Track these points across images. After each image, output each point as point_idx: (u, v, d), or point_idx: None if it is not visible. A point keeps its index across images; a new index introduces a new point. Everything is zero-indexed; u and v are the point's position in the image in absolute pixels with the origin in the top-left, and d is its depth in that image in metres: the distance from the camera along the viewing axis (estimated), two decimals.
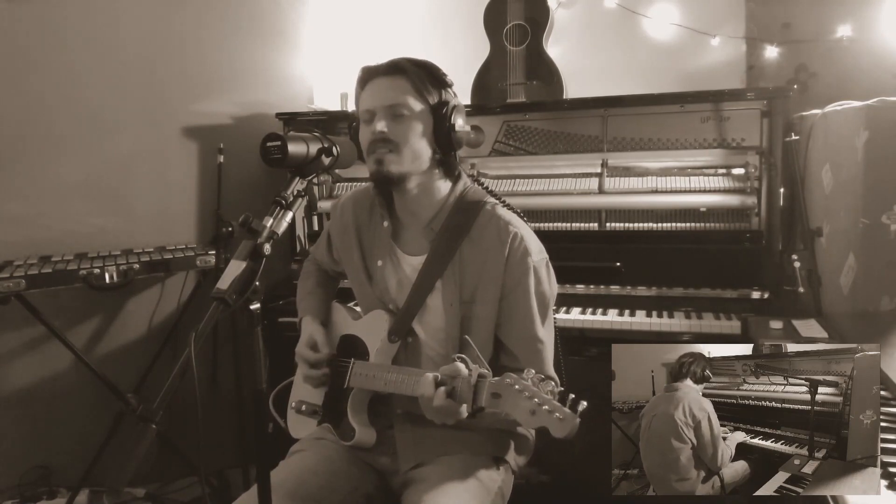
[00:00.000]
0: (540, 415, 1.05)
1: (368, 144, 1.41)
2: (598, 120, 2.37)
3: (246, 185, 2.70)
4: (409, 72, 1.41)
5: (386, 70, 1.43)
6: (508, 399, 1.11)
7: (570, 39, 2.78)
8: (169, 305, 2.69)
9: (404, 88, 1.41)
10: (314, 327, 1.58)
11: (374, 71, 1.45)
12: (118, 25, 2.52)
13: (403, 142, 1.39)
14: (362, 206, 1.60)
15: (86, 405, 2.50)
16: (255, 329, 1.15)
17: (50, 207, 2.45)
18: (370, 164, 1.42)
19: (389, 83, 1.42)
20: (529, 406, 1.06)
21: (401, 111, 1.40)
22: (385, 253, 1.53)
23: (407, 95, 1.40)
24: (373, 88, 1.43)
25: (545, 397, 1.06)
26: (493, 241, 1.43)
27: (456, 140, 1.44)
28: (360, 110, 1.46)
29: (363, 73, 1.47)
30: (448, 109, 1.42)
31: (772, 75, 2.55)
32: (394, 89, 1.41)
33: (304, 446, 1.52)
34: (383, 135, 1.38)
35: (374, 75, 1.44)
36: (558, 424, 1.03)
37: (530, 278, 1.42)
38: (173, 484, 2.60)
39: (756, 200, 2.18)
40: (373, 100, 1.42)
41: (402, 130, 1.40)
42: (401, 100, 1.40)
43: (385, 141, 1.38)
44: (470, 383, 1.16)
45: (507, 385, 1.11)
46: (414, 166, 1.42)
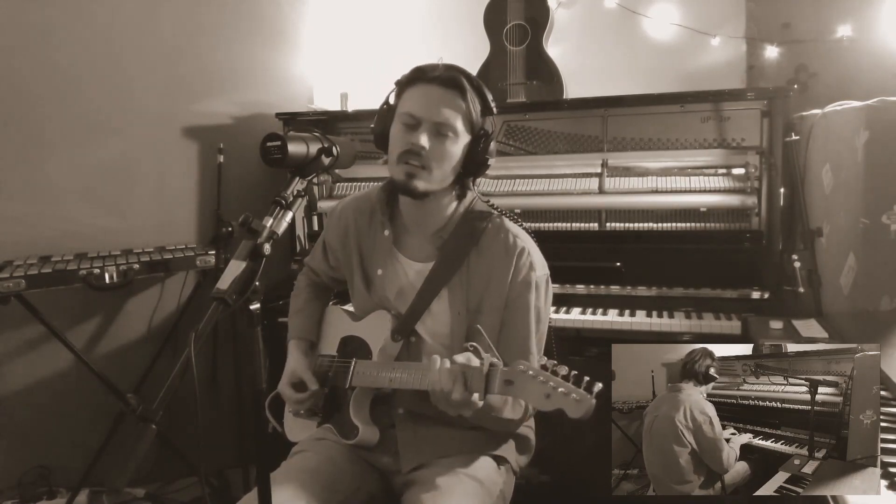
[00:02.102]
0: (555, 397, 1.06)
1: (402, 151, 1.38)
2: (598, 120, 2.37)
3: (246, 185, 2.70)
4: (466, 94, 1.38)
5: (444, 81, 1.38)
6: (521, 385, 1.12)
7: (570, 39, 2.78)
8: (169, 305, 2.68)
9: (458, 109, 1.38)
10: (297, 361, 1.56)
11: (430, 75, 1.39)
12: (118, 25, 2.52)
13: (438, 164, 1.38)
14: (362, 212, 1.59)
15: (86, 405, 2.50)
16: (255, 329, 1.15)
17: (50, 207, 2.45)
18: (397, 171, 1.40)
19: (445, 97, 1.38)
20: (544, 390, 1.08)
21: (447, 132, 1.37)
22: (386, 261, 1.53)
23: (458, 118, 1.38)
24: (425, 95, 1.38)
25: (559, 380, 1.08)
26: (500, 254, 1.44)
27: (485, 170, 1.45)
28: (402, 109, 1.41)
29: (417, 71, 1.42)
30: (487, 140, 1.42)
31: (772, 75, 2.55)
32: (447, 106, 1.37)
33: (306, 447, 1.52)
34: (423, 150, 1.36)
35: (430, 80, 1.39)
36: (574, 405, 1.05)
37: (532, 293, 1.43)
38: (173, 484, 2.60)
39: (756, 200, 2.18)
40: (422, 108, 1.38)
41: (442, 152, 1.38)
42: (451, 121, 1.37)
43: (421, 156, 1.37)
44: (482, 372, 1.17)
45: (520, 371, 1.12)
46: (439, 185, 1.42)
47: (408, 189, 1.40)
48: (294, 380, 1.55)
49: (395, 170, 1.41)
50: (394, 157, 1.41)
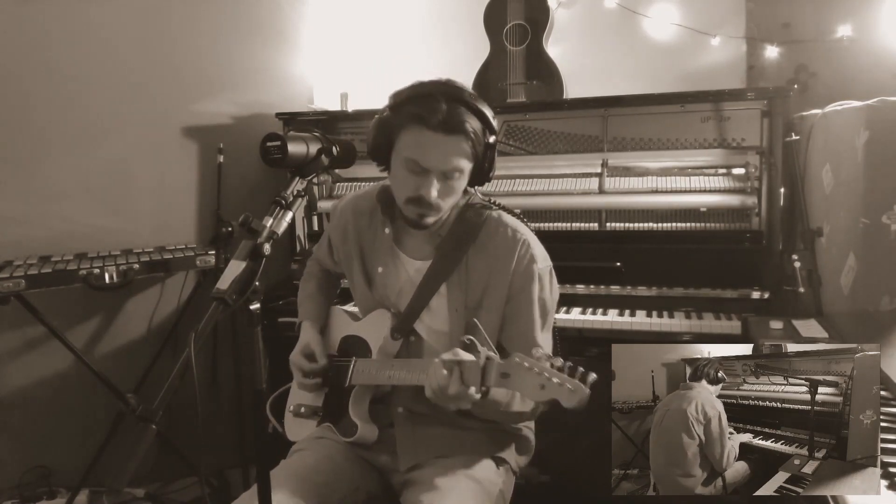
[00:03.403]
0: (550, 388, 1.07)
1: (412, 198, 1.37)
2: (598, 120, 2.37)
3: (246, 185, 2.70)
4: (469, 135, 1.33)
5: (449, 129, 1.32)
6: (517, 377, 1.12)
7: (570, 39, 2.78)
8: (169, 305, 2.68)
9: (464, 153, 1.35)
10: (311, 334, 1.59)
11: (432, 123, 1.31)
12: (118, 25, 2.52)
13: (447, 202, 1.39)
14: (362, 211, 1.59)
15: (86, 405, 2.50)
16: (255, 329, 1.15)
17: (50, 207, 2.45)
18: (409, 212, 1.40)
19: (450, 145, 1.34)
20: (539, 381, 1.08)
21: (454, 174, 1.36)
22: (386, 259, 1.53)
23: (463, 159, 1.36)
24: (429, 144, 1.33)
25: (553, 371, 1.08)
26: (500, 249, 1.44)
27: (489, 179, 1.45)
28: (405, 153, 1.35)
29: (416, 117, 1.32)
30: (491, 154, 1.41)
31: (772, 75, 2.55)
32: (454, 154, 1.34)
33: (305, 445, 1.52)
34: (433, 199, 1.36)
35: (434, 129, 1.32)
36: (568, 395, 1.05)
37: (534, 285, 1.43)
38: (173, 484, 2.60)
39: (756, 200, 2.18)
40: (428, 159, 1.34)
41: (449, 192, 1.38)
42: (457, 165, 1.36)
43: (431, 205, 1.37)
44: (479, 365, 1.17)
45: (516, 364, 1.12)
46: (447, 212, 1.43)
47: (419, 226, 1.42)
48: (307, 351, 1.56)
49: (405, 208, 1.41)
50: (402, 198, 1.40)
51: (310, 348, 1.56)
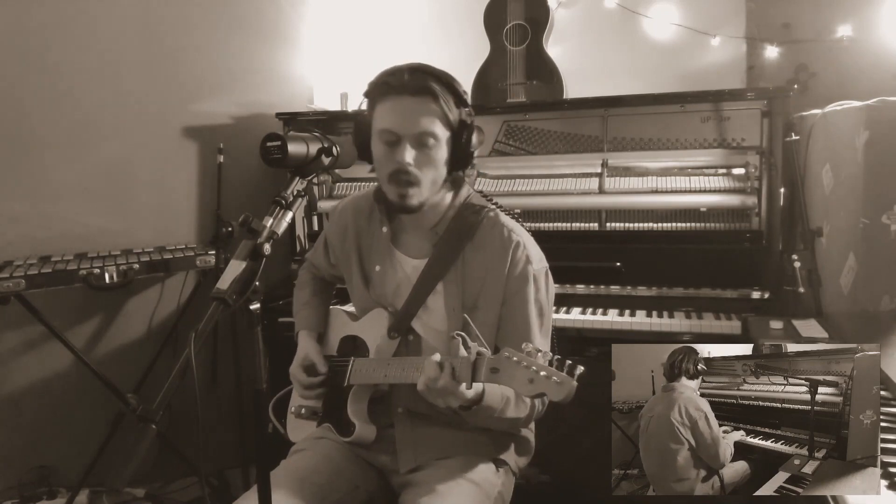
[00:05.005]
0: (538, 381, 1.07)
1: (391, 172, 1.38)
2: (598, 120, 2.37)
3: (246, 185, 2.70)
4: (438, 95, 1.35)
5: (413, 90, 1.35)
6: (506, 371, 1.12)
7: (570, 39, 2.78)
8: (169, 305, 2.69)
9: (433, 113, 1.36)
10: (310, 345, 1.58)
11: (398, 86, 1.35)
12: (118, 25, 2.52)
13: (427, 174, 1.38)
14: (361, 211, 1.59)
15: (86, 405, 2.50)
16: (255, 329, 1.15)
17: (50, 207, 2.45)
18: (391, 193, 1.40)
19: (418, 106, 1.35)
20: (527, 375, 1.08)
21: (427, 140, 1.36)
22: (383, 257, 1.53)
23: (435, 122, 1.36)
24: (398, 108, 1.36)
25: (541, 364, 1.08)
26: (496, 249, 1.44)
27: (471, 160, 1.44)
28: (378, 125, 1.38)
29: (383, 86, 1.38)
30: (468, 132, 1.41)
31: (772, 75, 2.55)
32: (423, 115, 1.35)
33: (305, 446, 1.52)
34: (409, 167, 1.36)
35: (399, 92, 1.35)
36: (556, 388, 1.05)
37: (530, 287, 1.43)
38: (173, 484, 2.60)
39: (756, 200, 2.18)
40: (399, 124, 1.35)
41: (427, 160, 1.37)
42: (430, 128, 1.35)
43: (409, 173, 1.36)
44: (469, 361, 1.17)
45: (505, 358, 1.13)
46: (431, 192, 1.42)
47: (403, 208, 1.41)
48: (306, 363, 1.56)
49: (387, 189, 1.42)
50: (383, 178, 1.41)
51: (309, 359, 1.56)
